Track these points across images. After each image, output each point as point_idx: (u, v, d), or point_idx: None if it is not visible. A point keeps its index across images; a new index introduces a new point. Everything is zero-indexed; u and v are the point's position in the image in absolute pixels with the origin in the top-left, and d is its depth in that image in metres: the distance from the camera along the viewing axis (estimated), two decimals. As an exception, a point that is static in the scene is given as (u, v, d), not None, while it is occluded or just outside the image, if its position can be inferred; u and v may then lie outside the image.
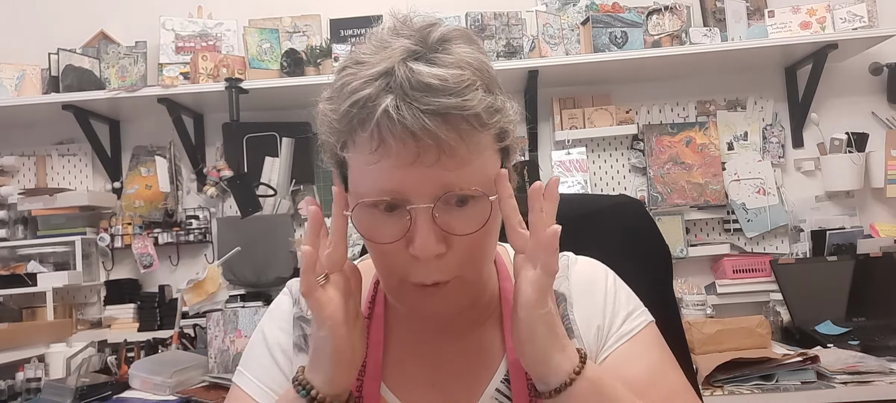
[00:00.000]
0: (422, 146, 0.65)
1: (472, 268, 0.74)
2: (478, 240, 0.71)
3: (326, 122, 0.72)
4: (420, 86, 0.65)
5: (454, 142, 0.66)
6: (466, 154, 0.67)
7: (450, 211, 0.69)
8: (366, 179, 0.69)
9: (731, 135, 2.71)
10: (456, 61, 0.68)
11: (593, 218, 1.09)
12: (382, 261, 0.74)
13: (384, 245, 0.70)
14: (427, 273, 0.70)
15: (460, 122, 0.66)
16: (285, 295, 0.90)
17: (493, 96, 0.71)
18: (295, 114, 2.74)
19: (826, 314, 2.23)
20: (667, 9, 2.59)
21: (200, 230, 2.70)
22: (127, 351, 2.24)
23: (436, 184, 0.67)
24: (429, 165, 0.66)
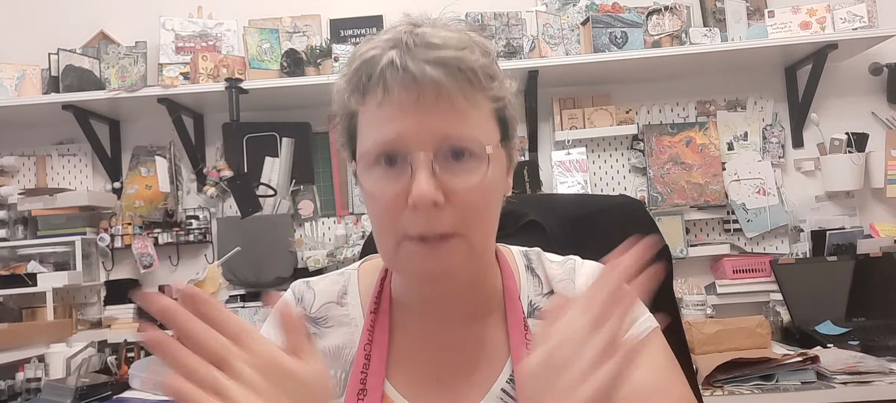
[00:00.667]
0: (422, 90, 0.69)
1: (474, 229, 0.73)
2: (476, 200, 0.72)
3: (340, 95, 0.77)
4: (422, 43, 0.71)
5: (453, 90, 0.70)
6: (464, 106, 0.71)
7: (448, 167, 0.71)
8: (371, 133, 0.73)
9: (731, 135, 2.71)
10: (457, 29, 0.74)
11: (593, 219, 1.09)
12: (383, 221, 0.74)
13: (386, 200, 0.71)
14: (427, 223, 0.70)
15: (458, 74, 0.71)
16: (289, 294, 0.91)
17: (492, 64, 0.75)
18: (295, 114, 2.74)
19: (826, 314, 2.23)
20: (667, 9, 2.59)
21: (200, 230, 2.70)
22: (127, 351, 2.24)
23: (435, 133, 0.70)
24: (428, 110, 0.70)
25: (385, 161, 0.72)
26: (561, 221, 1.06)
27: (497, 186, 0.76)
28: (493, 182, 0.74)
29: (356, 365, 0.82)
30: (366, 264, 0.92)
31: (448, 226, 0.71)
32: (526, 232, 1.04)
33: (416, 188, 0.69)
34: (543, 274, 0.88)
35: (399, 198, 0.71)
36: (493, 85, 0.75)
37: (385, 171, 0.72)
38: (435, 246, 0.72)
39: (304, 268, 2.60)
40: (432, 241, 0.71)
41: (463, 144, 0.71)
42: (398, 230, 0.72)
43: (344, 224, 2.71)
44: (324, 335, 0.86)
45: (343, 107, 0.78)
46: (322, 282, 0.91)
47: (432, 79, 0.69)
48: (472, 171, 0.72)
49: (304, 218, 2.73)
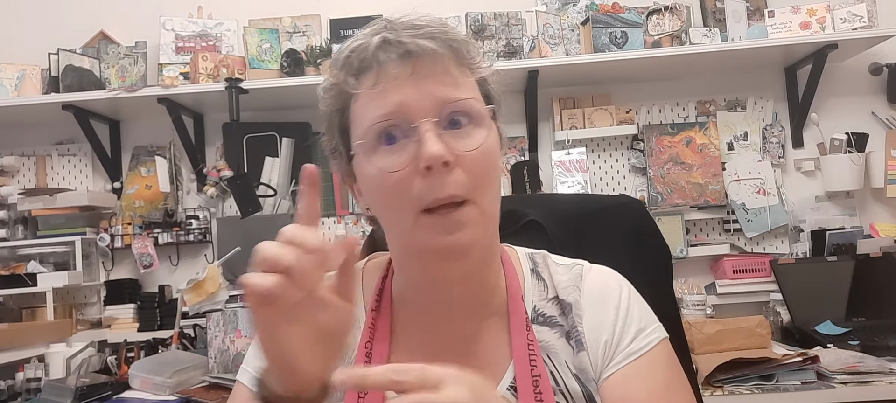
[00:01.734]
0: (418, 61, 0.72)
1: (482, 193, 0.74)
2: (481, 163, 0.74)
3: (329, 91, 0.79)
4: (408, 25, 0.75)
5: (447, 58, 0.74)
6: (458, 75, 0.75)
7: (450, 133, 0.73)
8: (370, 113, 0.74)
9: (731, 135, 2.71)
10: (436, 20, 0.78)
11: (593, 219, 1.09)
12: (395, 197, 0.74)
13: (395, 174, 0.72)
14: (442, 185, 0.71)
15: (448, 45, 0.74)
16: None
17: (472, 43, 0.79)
18: (295, 114, 2.74)
19: (826, 314, 2.23)
20: (667, 9, 2.58)
21: (200, 230, 2.70)
22: (127, 351, 2.24)
23: (435, 99, 0.73)
24: (426, 77, 0.72)
25: (385, 140, 0.73)
26: (561, 221, 1.06)
27: (496, 156, 0.77)
28: (494, 148, 0.76)
29: (357, 363, 0.81)
30: (369, 263, 0.91)
31: (460, 189, 0.72)
32: (526, 232, 1.04)
33: (426, 149, 0.70)
34: (549, 279, 0.86)
35: (408, 169, 0.72)
36: (477, 60, 0.79)
37: (387, 150, 0.73)
38: (450, 215, 0.72)
39: (304, 268, 2.59)
40: (443, 211, 0.72)
41: (463, 107, 0.74)
42: (413, 203, 0.72)
43: (344, 224, 2.71)
44: None
45: (332, 104, 0.79)
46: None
47: (426, 49, 0.72)
48: (473, 135, 0.74)
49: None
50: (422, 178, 0.71)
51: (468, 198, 0.73)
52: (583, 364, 0.80)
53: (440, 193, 0.71)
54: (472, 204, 0.73)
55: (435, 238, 0.73)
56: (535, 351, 0.79)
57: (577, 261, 0.88)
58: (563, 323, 0.83)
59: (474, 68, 0.78)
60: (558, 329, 0.82)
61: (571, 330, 0.81)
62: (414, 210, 0.73)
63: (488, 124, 0.76)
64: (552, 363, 0.80)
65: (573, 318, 0.82)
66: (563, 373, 0.80)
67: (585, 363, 0.80)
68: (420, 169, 0.71)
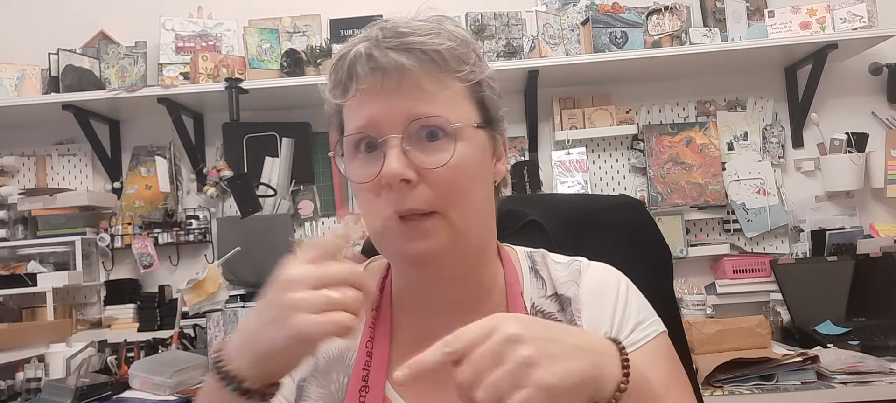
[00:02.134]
0: (385, 75, 0.73)
1: (452, 207, 0.74)
2: (450, 177, 0.74)
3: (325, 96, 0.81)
4: (391, 33, 0.75)
5: (417, 72, 0.73)
6: (431, 88, 0.74)
7: (421, 146, 0.74)
8: (349, 124, 0.77)
9: (731, 135, 2.71)
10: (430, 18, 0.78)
11: (593, 218, 1.09)
12: (367, 205, 0.76)
13: (365, 183, 0.75)
14: (399, 199, 0.73)
15: (422, 56, 0.74)
16: None
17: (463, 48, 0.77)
18: (295, 114, 2.74)
19: (826, 314, 2.23)
20: (667, 9, 2.58)
21: (200, 230, 2.70)
22: (127, 351, 2.24)
23: (402, 113, 0.73)
24: (393, 91, 0.73)
25: (365, 148, 0.76)
26: (561, 221, 1.06)
27: (476, 166, 0.77)
28: (469, 160, 0.75)
29: (357, 363, 0.81)
30: (370, 266, 0.92)
31: (422, 203, 0.73)
32: (526, 232, 1.04)
33: (385, 167, 0.72)
34: (548, 276, 0.87)
35: (376, 181, 0.74)
36: (464, 68, 0.77)
37: (364, 158, 0.76)
38: (414, 225, 0.74)
39: (304, 268, 2.59)
40: (411, 220, 0.73)
41: (429, 122, 0.74)
42: (380, 212, 0.74)
43: (344, 224, 2.70)
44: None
45: (330, 108, 0.81)
46: None
47: (395, 64, 0.73)
48: (444, 149, 0.74)
49: (304, 218, 2.73)
50: (386, 192, 0.73)
51: (435, 210, 0.74)
52: None
53: (399, 206, 0.73)
54: (438, 216, 0.74)
55: (400, 244, 0.75)
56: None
57: (575, 258, 0.88)
58: (562, 318, 0.83)
59: (462, 75, 0.77)
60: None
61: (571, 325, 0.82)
62: (381, 217, 0.75)
63: (467, 136, 0.75)
64: None
65: (572, 313, 0.82)
66: None
67: None
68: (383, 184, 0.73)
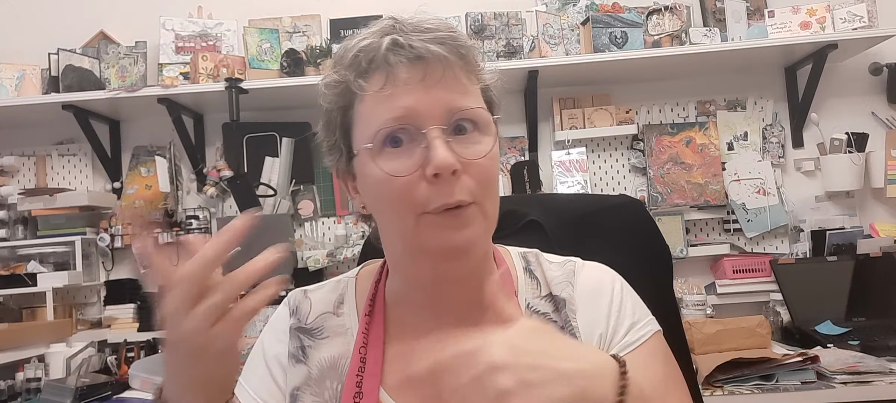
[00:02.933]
0: (428, 66, 0.72)
1: (487, 198, 0.75)
2: (487, 169, 0.74)
3: (331, 89, 0.78)
4: (418, 28, 0.74)
5: (456, 65, 0.74)
6: (467, 82, 0.75)
7: (456, 140, 0.73)
8: (377, 116, 0.73)
9: (731, 135, 2.71)
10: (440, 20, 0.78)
11: (593, 218, 1.09)
12: (400, 200, 0.73)
13: (402, 178, 0.72)
14: (449, 191, 0.71)
15: (457, 51, 0.74)
16: (284, 306, 0.90)
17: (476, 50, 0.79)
18: (295, 114, 2.74)
19: (826, 314, 2.23)
20: (667, 9, 2.58)
21: (200, 230, 2.70)
22: (127, 351, 2.25)
23: (444, 106, 0.72)
24: (436, 83, 0.72)
25: (390, 143, 0.73)
26: (561, 221, 1.06)
27: (498, 161, 0.78)
28: (497, 154, 0.77)
29: (351, 368, 0.81)
30: (364, 270, 0.91)
31: (468, 195, 0.72)
32: (526, 232, 1.04)
33: (436, 157, 0.70)
34: (542, 276, 0.86)
35: (415, 175, 0.72)
36: (480, 68, 0.79)
37: (393, 153, 0.73)
38: (456, 216, 0.72)
39: (304, 268, 2.59)
40: (453, 211, 0.72)
41: (471, 115, 0.74)
42: (417, 206, 0.72)
43: (344, 224, 2.71)
44: (319, 346, 0.85)
45: (335, 101, 0.78)
46: (319, 291, 0.90)
47: (437, 55, 0.72)
48: (480, 142, 0.74)
49: (304, 218, 2.73)
50: (428, 184, 0.71)
51: (474, 200, 0.73)
52: None
53: (449, 199, 0.72)
54: (476, 206, 0.74)
55: (441, 236, 0.73)
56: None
57: (569, 258, 0.88)
58: (557, 318, 0.83)
59: (480, 75, 0.79)
60: (552, 325, 0.82)
61: (565, 326, 0.81)
62: (416, 212, 0.73)
63: (493, 131, 0.77)
64: None
65: (567, 314, 0.82)
66: None
67: None
68: (428, 175, 0.71)
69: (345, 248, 2.59)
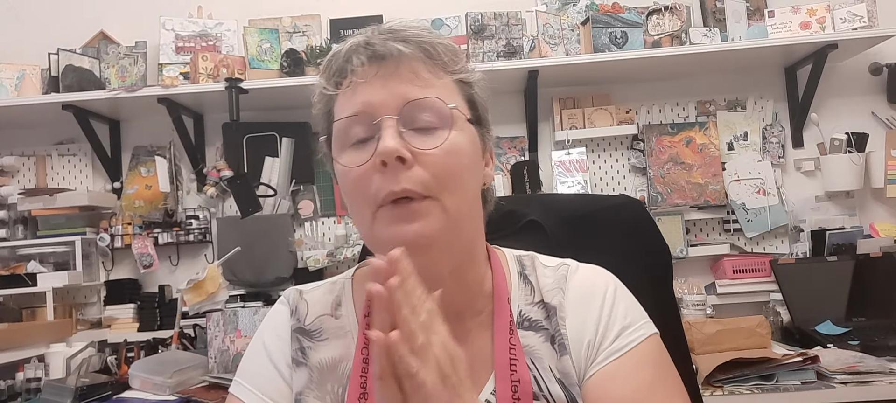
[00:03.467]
0: (384, 62, 0.75)
1: (445, 192, 0.74)
2: (444, 161, 0.74)
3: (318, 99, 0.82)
4: (386, 31, 0.78)
5: (414, 60, 0.75)
6: (426, 76, 0.76)
7: (415, 134, 0.74)
8: (342, 112, 0.77)
9: (731, 135, 2.71)
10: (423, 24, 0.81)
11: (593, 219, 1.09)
12: (357, 193, 0.75)
13: (357, 170, 0.74)
14: (395, 179, 0.72)
15: (418, 48, 0.76)
16: (282, 305, 0.89)
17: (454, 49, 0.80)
18: (295, 114, 2.74)
19: (826, 314, 2.23)
20: (667, 9, 2.58)
21: (200, 230, 2.70)
22: (127, 351, 2.24)
23: (398, 96, 0.74)
24: (390, 76, 0.74)
25: (356, 144, 0.75)
26: (561, 221, 1.06)
27: (468, 156, 0.77)
28: (462, 148, 0.76)
29: (354, 369, 0.80)
30: (360, 271, 0.90)
31: (417, 185, 0.72)
32: (526, 232, 1.04)
33: (381, 144, 0.72)
34: (536, 282, 0.85)
35: (369, 165, 0.73)
36: (456, 64, 0.79)
37: (356, 148, 0.76)
38: (405, 207, 0.72)
39: (304, 268, 2.59)
40: (404, 203, 0.72)
41: (425, 103, 0.74)
42: (372, 198, 0.74)
43: (344, 224, 2.71)
44: (318, 348, 0.84)
45: (321, 108, 0.82)
46: (316, 292, 0.89)
47: (393, 51, 0.74)
48: (436, 135, 0.75)
49: (304, 218, 2.73)
50: (379, 174, 0.72)
51: (428, 194, 0.73)
52: (566, 369, 0.79)
53: (394, 186, 0.72)
54: (431, 200, 0.73)
55: (391, 229, 0.73)
56: (516, 356, 0.78)
57: (564, 261, 0.87)
58: (548, 326, 0.81)
59: (453, 70, 0.78)
60: (543, 333, 0.81)
61: (556, 334, 0.80)
62: (372, 206, 0.74)
63: (460, 125, 0.76)
64: (536, 368, 0.79)
65: (557, 321, 0.81)
66: (546, 379, 0.79)
67: (568, 366, 0.79)
68: (376, 164, 0.72)
69: (345, 248, 2.59)
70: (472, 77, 0.81)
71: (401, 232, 0.72)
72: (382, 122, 0.73)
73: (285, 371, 0.84)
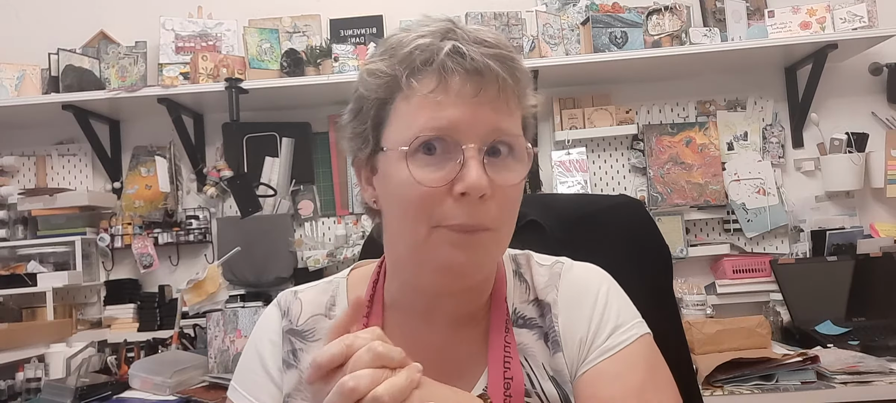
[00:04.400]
0: (484, 82, 0.70)
1: (506, 225, 0.74)
2: (514, 197, 0.74)
3: (375, 77, 0.74)
4: (477, 40, 0.72)
5: (510, 87, 0.72)
6: (516, 106, 0.74)
7: (492, 162, 0.71)
8: (419, 119, 0.71)
9: (731, 135, 2.71)
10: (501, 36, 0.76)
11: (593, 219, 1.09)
12: (419, 208, 0.71)
13: (428, 187, 0.70)
14: (472, 213, 0.70)
15: (513, 74, 0.72)
16: (274, 307, 0.89)
17: (529, 76, 0.78)
18: (295, 114, 2.74)
19: (826, 314, 2.23)
20: (667, 9, 2.58)
21: (200, 230, 2.70)
22: (127, 351, 2.24)
23: (489, 125, 0.71)
24: (487, 102, 0.70)
25: (424, 150, 0.71)
26: (561, 221, 1.06)
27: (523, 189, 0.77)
28: (523, 184, 0.76)
29: None
30: (355, 272, 0.90)
31: (490, 221, 0.71)
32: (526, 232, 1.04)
33: (469, 176, 0.69)
34: (530, 280, 0.85)
35: (443, 188, 0.70)
36: (530, 96, 0.77)
37: (426, 160, 0.71)
38: (471, 237, 0.71)
39: (304, 268, 2.59)
40: (470, 232, 0.71)
41: (512, 141, 0.73)
42: (434, 218, 0.71)
43: (344, 224, 2.71)
44: (310, 349, 0.84)
45: (376, 92, 0.74)
46: (310, 292, 0.89)
47: (496, 74, 0.70)
48: (513, 169, 0.73)
49: (304, 218, 2.73)
50: (454, 201, 0.70)
51: (493, 226, 0.72)
52: (559, 366, 0.79)
53: (469, 220, 0.70)
54: (493, 232, 0.73)
55: (450, 253, 0.71)
56: (510, 353, 0.78)
57: (558, 259, 0.87)
58: (542, 324, 0.82)
59: (525, 101, 0.77)
60: (537, 330, 0.81)
61: (549, 332, 0.80)
62: (432, 223, 0.71)
63: (527, 161, 0.75)
64: (529, 365, 0.80)
65: (551, 319, 0.81)
66: (539, 376, 0.79)
67: (561, 364, 0.79)
68: (455, 192, 0.69)
69: (345, 248, 2.59)
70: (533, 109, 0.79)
71: (457, 258, 0.72)
72: (468, 150, 0.69)
73: (276, 374, 0.84)
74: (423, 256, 0.74)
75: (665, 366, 0.81)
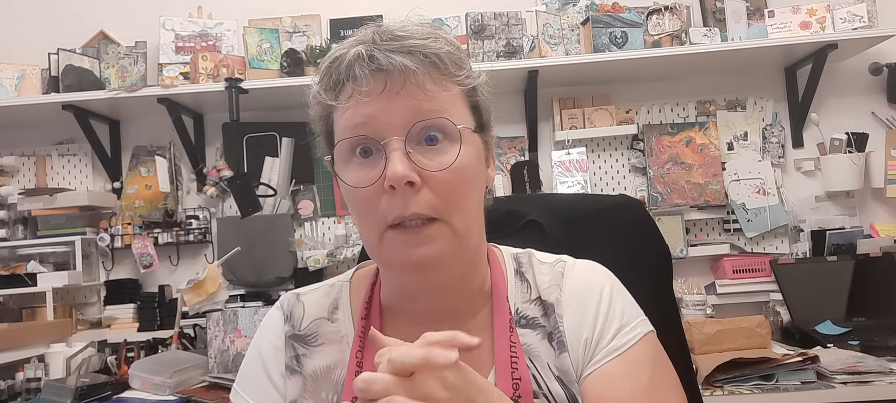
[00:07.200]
0: (389, 77, 0.72)
1: (454, 212, 0.73)
2: (452, 181, 0.73)
3: (315, 100, 0.80)
4: (388, 36, 0.74)
5: (420, 74, 0.72)
6: (433, 89, 0.73)
7: (422, 150, 0.72)
8: (343, 125, 0.75)
9: (731, 135, 2.71)
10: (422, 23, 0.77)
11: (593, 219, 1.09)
12: (364, 213, 0.74)
13: (363, 189, 0.73)
14: (404, 204, 0.71)
15: (423, 59, 0.73)
16: (277, 310, 0.89)
17: (459, 53, 0.77)
18: (295, 114, 2.74)
19: (826, 314, 2.23)
20: (667, 9, 2.58)
21: (200, 230, 2.70)
22: (127, 351, 2.24)
23: (405, 114, 0.72)
24: (397, 93, 0.72)
25: (360, 153, 0.74)
26: (561, 221, 1.06)
27: (474, 171, 0.76)
28: (469, 164, 0.75)
29: (349, 374, 0.80)
30: (358, 273, 0.90)
31: (426, 208, 0.71)
32: (526, 232, 1.04)
33: (389, 168, 0.70)
34: (532, 279, 0.85)
35: (376, 186, 0.72)
36: (461, 72, 0.76)
37: (361, 162, 0.74)
38: (416, 232, 0.72)
39: (304, 268, 2.59)
40: (413, 228, 0.72)
41: (433, 123, 0.73)
42: (379, 220, 0.73)
43: (344, 224, 2.71)
44: (312, 354, 0.84)
45: (319, 110, 0.80)
46: (313, 295, 0.89)
47: (399, 66, 0.71)
48: (446, 152, 0.73)
49: (304, 218, 2.73)
50: (388, 196, 0.71)
51: (436, 217, 0.72)
52: (564, 366, 0.79)
53: (404, 211, 0.71)
54: (441, 223, 0.73)
55: (401, 252, 0.73)
56: (517, 353, 0.78)
57: (560, 258, 0.86)
58: (546, 324, 0.81)
59: (460, 79, 0.76)
60: (540, 330, 0.81)
61: (553, 331, 0.80)
62: (380, 226, 0.73)
63: (468, 138, 0.75)
64: (535, 366, 0.79)
65: (555, 319, 0.81)
66: (545, 377, 0.79)
67: (567, 364, 0.79)
68: (386, 187, 0.71)
69: (345, 248, 2.59)
70: (477, 81, 0.79)
71: (409, 256, 0.73)
72: (389, 143, 0.71)
73: (279, 380, 0.83)
74: (383, 259, 0.77)
75: (668, 362, 0.82)
